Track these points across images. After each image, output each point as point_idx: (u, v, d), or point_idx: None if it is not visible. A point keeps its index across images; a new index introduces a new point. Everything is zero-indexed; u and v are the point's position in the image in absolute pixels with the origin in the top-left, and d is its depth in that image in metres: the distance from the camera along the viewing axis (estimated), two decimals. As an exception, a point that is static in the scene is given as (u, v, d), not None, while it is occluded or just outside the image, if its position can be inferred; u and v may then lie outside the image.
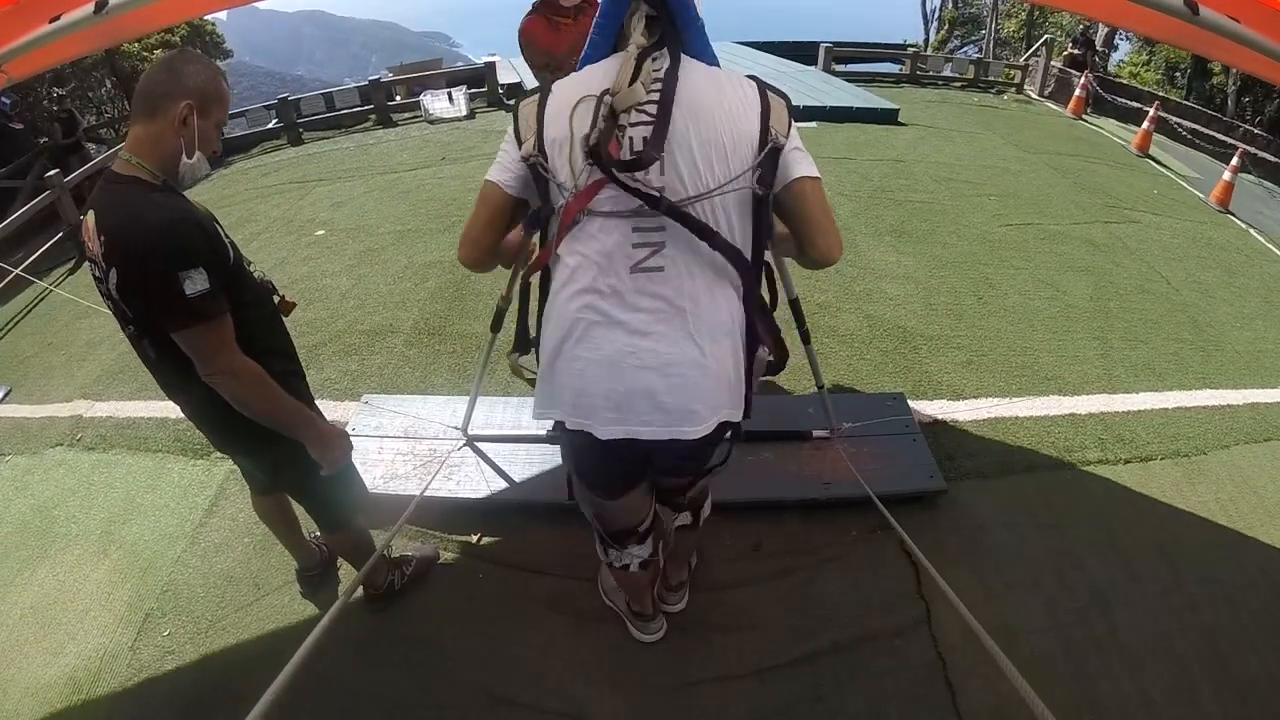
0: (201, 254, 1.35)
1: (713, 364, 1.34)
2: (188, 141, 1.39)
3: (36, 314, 4.56)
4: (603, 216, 1.28)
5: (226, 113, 1.48)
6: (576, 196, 1.27)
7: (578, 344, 1.33)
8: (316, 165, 7.14)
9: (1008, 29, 17.75)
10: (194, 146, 1.40)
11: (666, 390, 1.32)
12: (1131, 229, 5.48)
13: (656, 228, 1.28)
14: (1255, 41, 1.38)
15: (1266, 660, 2.13)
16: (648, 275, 1.29)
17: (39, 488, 2.87)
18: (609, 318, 1.31)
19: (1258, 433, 3.16)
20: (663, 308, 1.30)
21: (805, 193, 1.33)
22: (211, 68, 1.43)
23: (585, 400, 1.35)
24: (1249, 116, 13.06)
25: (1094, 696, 2.02)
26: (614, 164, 1.22)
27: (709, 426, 1.38)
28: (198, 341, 1.38)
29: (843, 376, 3.40)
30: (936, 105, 9.37)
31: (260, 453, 1.76)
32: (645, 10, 1.31)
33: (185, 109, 1.36)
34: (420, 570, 2.34)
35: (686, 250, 1.29)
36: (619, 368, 1.32)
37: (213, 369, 1.41)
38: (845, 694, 2.02)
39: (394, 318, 3.94)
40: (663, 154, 1.24)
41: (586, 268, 1.31)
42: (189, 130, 1.38)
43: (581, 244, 1.31)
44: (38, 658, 2.16)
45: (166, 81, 1.36)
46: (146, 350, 1.51)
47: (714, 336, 1.34)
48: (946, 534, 2.51)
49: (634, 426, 1.35)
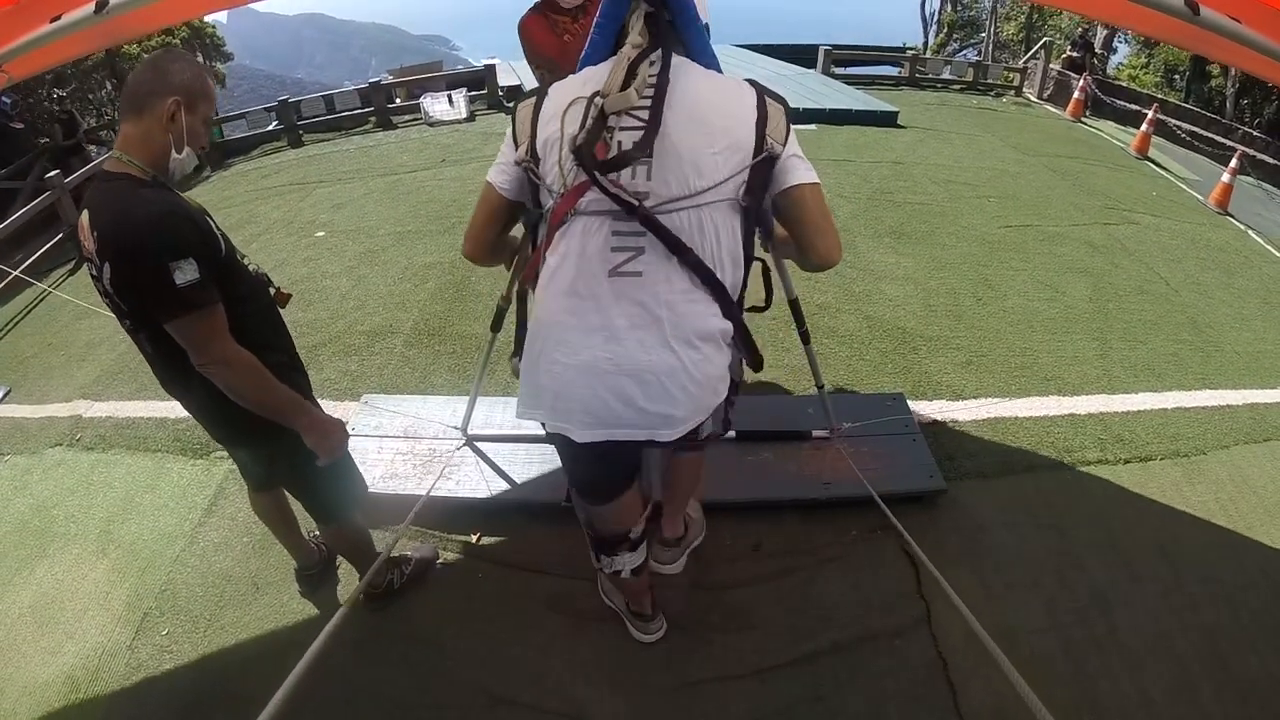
0: (191, 245, 1.37)
1: (692, 370, 1.32)
2: (176, 137, 1.42)
3: (36, 314, 4.56)
4: (586, 217, 1.28)
5: (213, 109, 1.51)
6: (563, 198, 1.27)
7: (556, 347, 1.33)
8: (317, 167, 7.15)
9: (1007, 32, 17.81)
10: (183, 142, 1.43)
11: (644, 396, 1.31)
12: (1130, 230, 5.49)
13: (636, 232, 1.27)
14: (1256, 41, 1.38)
15: (1267, 660, 2.13)
16: (625, 280, 1.28)
17: (38, 487, 2.87)
18: (586, 322, 1.30)
19: (1257, 433, 3.16)
20: (640, 314, 1.29)
21: (804, 198, 1.33)
22: (196, 65, 1.46)
23: (562, 404, 1.35)
24: (1247, 119, 13.09)
25: (1094, 696, 2.01)
26: (596, 165, 1.22)
27: (686, 428, 1.38)
28: (189, 331, 1.39)
29: (842, 377, 3.40)
30: (936, 108, 9.39)
31: (258, 444, 1.76)
32: (644, 10, 1.32)
33: (173, 105, 1.39)
34: (419, 570, 2.34)
35: (665, 256, 1.28)
36: (595, 372, 1.31)
37: (205, 358, 1.42)
38: (845, 694, 2.02)
39: (394, 318, 3.94)
40: (650, 157, 1.23)
41: (567, 269, 1.30)
42: (177, 126, 1.41)
43: (565, 244, 1.31)
44: (36, 657, 2.15)
45: (153, 80, 1.39)
46: (144, 345, 1.52)
47: (692, 343, 1.32)
48: (946, 534, 2.51)
49: (611, 429, 1.34)
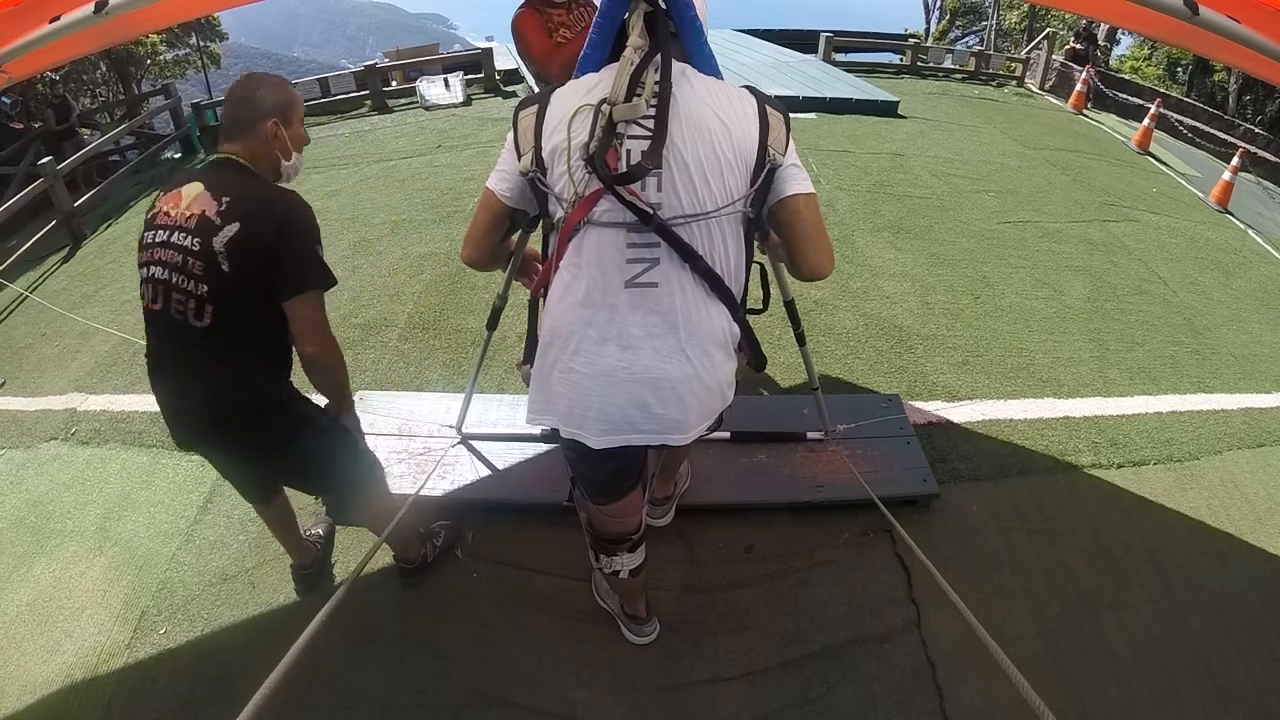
0: (320, 239, 1.61)
1: (705, 377, 1.37)
2: (283, 149, 1.65)
3: (29, 304, 4.53)
4: (599, 228, 1.29)
5: (302, 113, 1.71)
6: (576, 207, 1.28)
7: (574, 356, 1.35)
8: (311, 152, 6.89)
9: (1010, 21, 17.63)
10: (289, 151, 1.67)
11: (658, 403, 1.36)
12: (1130, 228, 5.48)
13: (651, 243, 1.29)
14: (1255, 41, 1.37)
15: (1253, 670, 2.15)
16: (641, 291, 1.31)
17: (34, 483, 2.87)
18: (603, 332, 1.33)
19: (1250, 438, 3.17)
20: (656, 323, 1.32)
21: (799, 209, 1.34)
22: (281, 84, 1.65)
23: (578, 412, 1.38)
24: (1250, 115, 13.02)
25: (1079, 703, 2.04)
26: (611, 176, 1.22)
27: (698, 433, 1.44)
28: (313, 305, 1.57)
29: (838, 376, 3.40)
30: (937, 97, 9.33)
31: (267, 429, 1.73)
32: (644, 9, 1.31)
33: (272, 126, 1.60)
34: (449, 542, 2.41)
35: (679, 266, 1.30)
36: (612, 381, 1.34)
37: (316, 334, 1.60)
38: (835, 697, 2.04)
39: (389, 311, 3.92)
40: (660, 169, 1.24)
41: (582, 280, 1.32)
42: (281, 141, 1.63)
43: (578, 256, 1.32)
44: (35, 655, 2.17)
45: (249, 108, 1.59)
46: (199, 319, 1.55)
47: (705, 349, 1.36)
48: (938, 537, 2.52)
49: (626, 435, 1.38)
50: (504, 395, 3.02)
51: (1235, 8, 1.39)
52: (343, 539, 2.48)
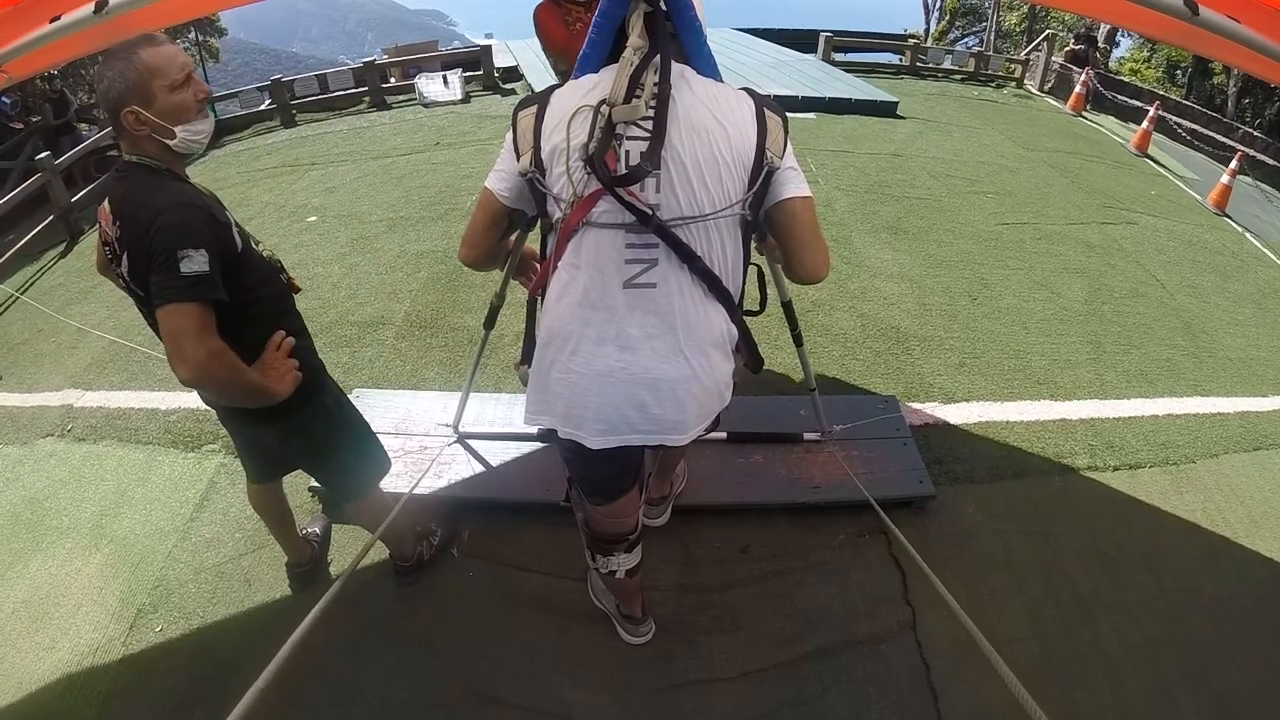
0: (204, 237, 1.39)
1: (703, 378, 1.37)
2: (159, 129, 1.43)
3: (26, 299, 4.51)
4: (598, 229, 1.29)
5: (170, 75, 1.42)
6: (575, 208, 1.28)
7: (572, 357, 1.36)
8: (309, 148, 7.06)
9: (1009, 22, 17.63)
10: (167, 128, 1.43)
11: (656, 404, 1.36)
12: (1128, 230, 5.48)
13: (649, 244, 1.29)
14: (1255, 41, 1.37)
15: (1246, 673, 2.16)
16: (640, 292, 1.31)
17: (30, 479, 2.86)
18: (602, 332, 1.33)
19: (1247, 442, 3.18)
20: (655, 324, 1.32)
21: (796, 212, 1.34)
22: (122, 61, 1.38)
23: (576, 412, 1.38)
24: (1249, 118, 13.04)
25: (1074, 705, 2.05)
26: (610, 177, 1.23)
27: (695, 433, 1.44)
28: (177, 319, 1.34)
29: (835, 376, 3.40)
30: (936, 98, 9.32)
31: (277, 420, 1.71)
32: (644, 9, 1.31)
33: (130, 117, 1.40)
34: (445, 541, 2.41)
35: (678, 267, 1.30)
36: (610, 381, 1.34)
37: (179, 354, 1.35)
38: (829, 698, 2.04)
39: (386, 309, 3.92)
40: (658, 171, 1.24)
41: (580, 280, 1.32)
42: (150, 124, 1.42)
43: (577, 256, 1.32)
44: (31, 652, 2.16)
45: (104, 103, 1.43)
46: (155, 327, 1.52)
47: (703, 350, 1.37)
48: (934, 539, 2.53)
49: (624, 435, 1.39)
50: (501, 394, 3.02)
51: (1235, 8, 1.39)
52: (339, 538, 2.48)
